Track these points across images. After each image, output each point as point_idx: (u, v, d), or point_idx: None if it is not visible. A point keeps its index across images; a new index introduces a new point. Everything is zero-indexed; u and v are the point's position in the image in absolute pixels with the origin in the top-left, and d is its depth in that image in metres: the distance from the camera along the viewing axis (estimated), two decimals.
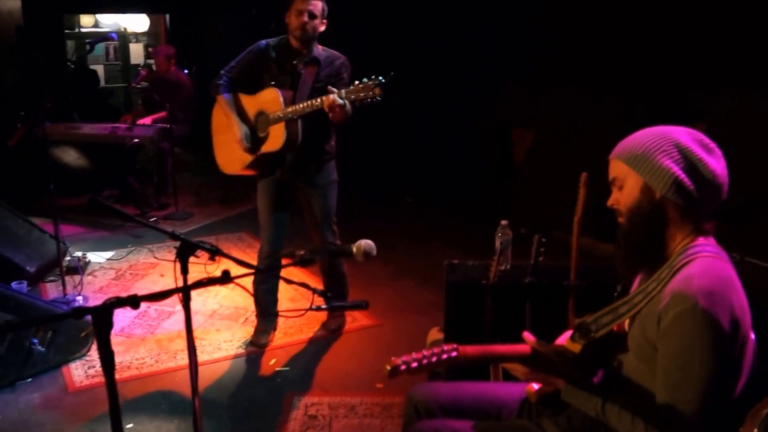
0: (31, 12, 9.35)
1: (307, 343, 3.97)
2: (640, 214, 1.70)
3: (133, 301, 1.79)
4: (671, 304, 1.58)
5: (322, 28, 3.57)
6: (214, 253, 2.28)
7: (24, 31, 8.89)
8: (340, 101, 3.18)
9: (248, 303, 4.46)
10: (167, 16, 10.98)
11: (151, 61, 10.45)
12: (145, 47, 11.73)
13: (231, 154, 3.72)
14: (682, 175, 1.64)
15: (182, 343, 3.91)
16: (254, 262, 3.64)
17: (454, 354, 1.64)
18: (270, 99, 3.52)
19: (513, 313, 2.96)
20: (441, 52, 6.70)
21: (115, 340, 3.90)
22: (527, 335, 1.82)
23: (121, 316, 4.17)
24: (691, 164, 1.65)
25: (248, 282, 3.84)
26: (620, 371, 1.79)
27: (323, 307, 2.33)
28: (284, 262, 3.79)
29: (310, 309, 2.32)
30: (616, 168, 1.76)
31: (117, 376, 3.62)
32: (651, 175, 1.67)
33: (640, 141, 1.71)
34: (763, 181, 4.19)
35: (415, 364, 1.60)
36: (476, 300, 3.01)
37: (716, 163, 1.67)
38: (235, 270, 1.88)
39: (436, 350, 1.63)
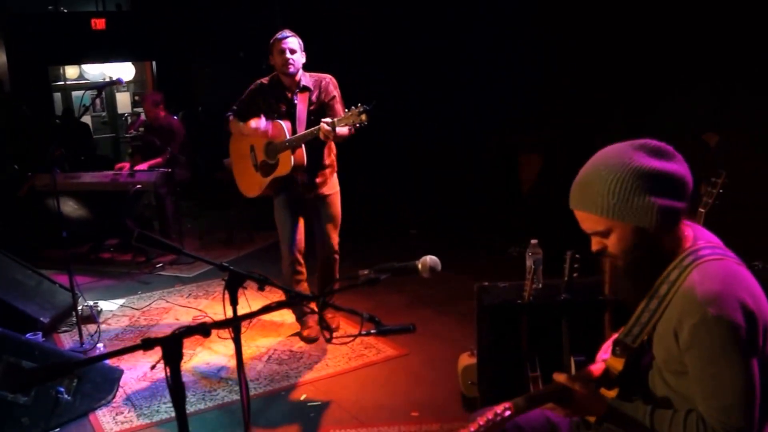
0: (16, 66, 9.35)
1: (335, 376, 3.91)
2: (639, 251, 1.66)
3: (203, 329, 1.75)
4: (683, 319, 1.58)
5: (304, 60, 4.07)
6: (263, 282, 2.26)
7: (10, 86, 8.91)
8: (333, 131, 3.70)
9: (268, 341, 4.41)
10: (153, 63, 10.94)
11: (140, 110, 10.40)
12: (132, 95, 11.71)
13: (249, 179, 4.30)
14: (663, 201, 1.61)
15: (208, 385, 3.85)
16: (274, 299, 3.60)
17: (507, 414, 1.71)
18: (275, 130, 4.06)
19: (549, 332, 2.94)
20: (441, 83, 6.77)
21: (139, 386, 3.84)
22: (557, 375, 1.78)
23: (142, 361, 4.09)
24: (661, 183, 1.61)
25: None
26: (658, 382, 1.78)
27: (373, 331, 2.31)
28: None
29: (360, 335, 2.30)
30: (592, 221, 1.69)
31: (147, 421, 3.55)
32: (638, 217, 1.62)
33: (603, 187, 1.64)
34: None
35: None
36: (511, 321, 2.99)
37: (676, 165, 1.64)
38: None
39: (497, 409, 1.71)
